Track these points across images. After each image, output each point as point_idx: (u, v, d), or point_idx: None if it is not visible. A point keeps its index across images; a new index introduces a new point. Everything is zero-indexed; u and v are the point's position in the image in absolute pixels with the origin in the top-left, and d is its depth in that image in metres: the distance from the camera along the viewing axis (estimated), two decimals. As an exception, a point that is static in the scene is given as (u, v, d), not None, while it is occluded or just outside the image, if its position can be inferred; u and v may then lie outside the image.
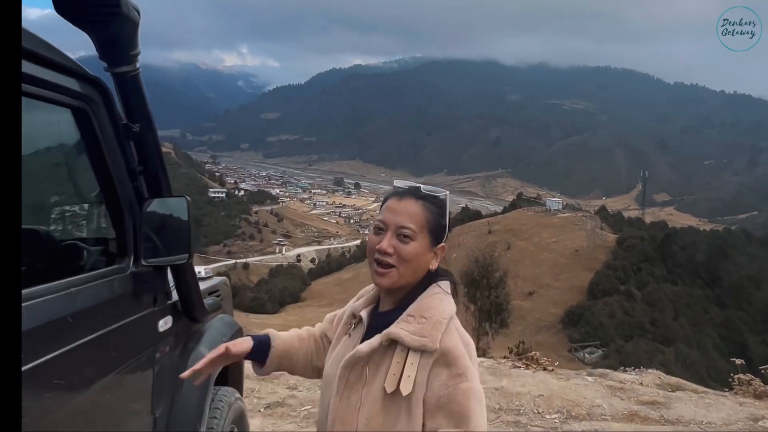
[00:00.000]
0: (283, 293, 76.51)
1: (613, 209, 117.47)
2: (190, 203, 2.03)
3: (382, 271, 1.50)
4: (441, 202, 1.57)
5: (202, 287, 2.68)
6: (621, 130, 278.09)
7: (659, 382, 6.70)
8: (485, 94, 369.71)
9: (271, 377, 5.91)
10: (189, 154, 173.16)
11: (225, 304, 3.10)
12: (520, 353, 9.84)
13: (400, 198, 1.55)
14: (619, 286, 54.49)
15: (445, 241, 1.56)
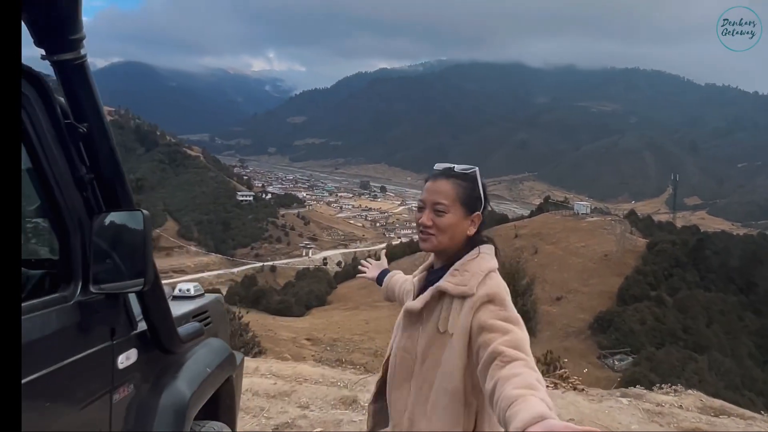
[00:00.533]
0: (309, 296, 76.85)
1: (643, 213, 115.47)
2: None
3: (424, 237, 1.87)
4: (471, 177, 1.94)
5: (188, 309, 2.55)
6: (650, 133, 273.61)
7: (701, 405, 6.23)
8: (512, 97, 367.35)
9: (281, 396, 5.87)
10: (218, 158, 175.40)
11: (217, 326, 2.87)
12: (548, 362, 9.73)
13: (435, 179, 1.94)
14: (649, 292, 53.45)
15: (482, 210, 1.89)
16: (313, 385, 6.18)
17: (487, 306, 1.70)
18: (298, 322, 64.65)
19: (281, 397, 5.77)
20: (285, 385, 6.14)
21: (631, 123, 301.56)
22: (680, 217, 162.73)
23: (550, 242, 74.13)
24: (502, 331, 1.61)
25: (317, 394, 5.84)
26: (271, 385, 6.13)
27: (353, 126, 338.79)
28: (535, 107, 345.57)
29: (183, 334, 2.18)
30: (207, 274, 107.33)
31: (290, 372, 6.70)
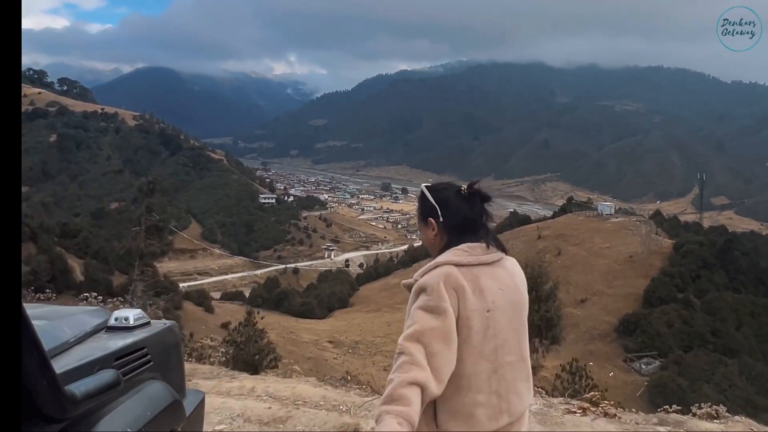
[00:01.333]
0: (331, 298, 77.22)
1: (669, 213, 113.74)
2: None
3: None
4: (420, 194, 2.17)
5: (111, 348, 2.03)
6: (675, 132, 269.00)
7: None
8: (533, 97, 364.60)
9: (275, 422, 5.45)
10: (240, 161, 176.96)
11: (162, 365, 2.32)
12: (573, 371, 9.70)
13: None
14: (676, 294, 52.56)
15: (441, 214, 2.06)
16: (311, 410, 5.76)
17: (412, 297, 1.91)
18: (320, 324, 64.97)
19: (275, 424, 5.33)
20: (281, 409, 5.71)
21: (655, 122, 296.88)
22: (707, 217, 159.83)
23: (574, 243, 73.38)
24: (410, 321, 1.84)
25: (315, 420, 5.42)
26: (266, 409, 5.71)
27: (374, 128, 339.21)
28: (556, 107, 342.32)
29: (81, 390, 1.60)
30: (231, 276, 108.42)
31: (289, 393, 6.30)
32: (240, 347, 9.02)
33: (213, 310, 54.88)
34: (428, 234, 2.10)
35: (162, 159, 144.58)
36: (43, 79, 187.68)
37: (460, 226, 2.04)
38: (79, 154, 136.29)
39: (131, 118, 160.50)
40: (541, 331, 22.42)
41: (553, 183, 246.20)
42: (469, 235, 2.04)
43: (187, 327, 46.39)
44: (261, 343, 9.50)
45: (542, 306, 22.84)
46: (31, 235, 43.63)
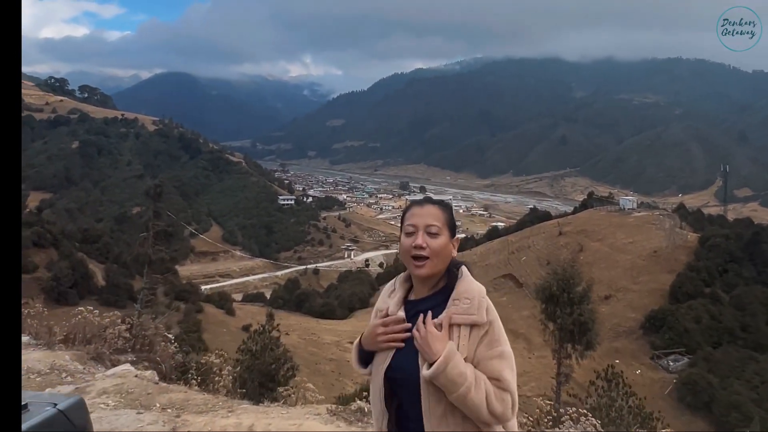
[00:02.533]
0: (351, 298, 77.07)
1: (692, 206, 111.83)
2: None
3: (420, 264, 1.99)
4: (449, 206, 2.11)
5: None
6: (696, 124, 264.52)
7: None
8: (550, 92, 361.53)
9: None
10: (259, 164, 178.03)
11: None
12: (609, 379, 9.20)
13: (422, 205, 2.07)
14: (703, 289, 51.44)
15: (457, 234, 2.06)
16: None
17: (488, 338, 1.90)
18: (342, 324, 64.86)
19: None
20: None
21: (675, 114, 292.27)
22: (731, 209, 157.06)
23: (596, 239, 72.36)
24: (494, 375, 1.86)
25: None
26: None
27: (391, 127, 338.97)
28: (574, 102, 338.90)
29: None
30: (252, 277, 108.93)
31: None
32: (256, 356, 8.77)
33: (234, 312, 55.04)
34: (449, 249, 2.03)
35: (182, 163, 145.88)
36: (65, 87, 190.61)
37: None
38: (101, 160, 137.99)
39: (151, 123, 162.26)
40: (574, 335, 21.45)
41: (572, 178, 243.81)
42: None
43: (209, 330, 46.60)
44: (277, 352, 9.23)
45: (575, 309, 21.83)
46: (53, 241, 44.11)
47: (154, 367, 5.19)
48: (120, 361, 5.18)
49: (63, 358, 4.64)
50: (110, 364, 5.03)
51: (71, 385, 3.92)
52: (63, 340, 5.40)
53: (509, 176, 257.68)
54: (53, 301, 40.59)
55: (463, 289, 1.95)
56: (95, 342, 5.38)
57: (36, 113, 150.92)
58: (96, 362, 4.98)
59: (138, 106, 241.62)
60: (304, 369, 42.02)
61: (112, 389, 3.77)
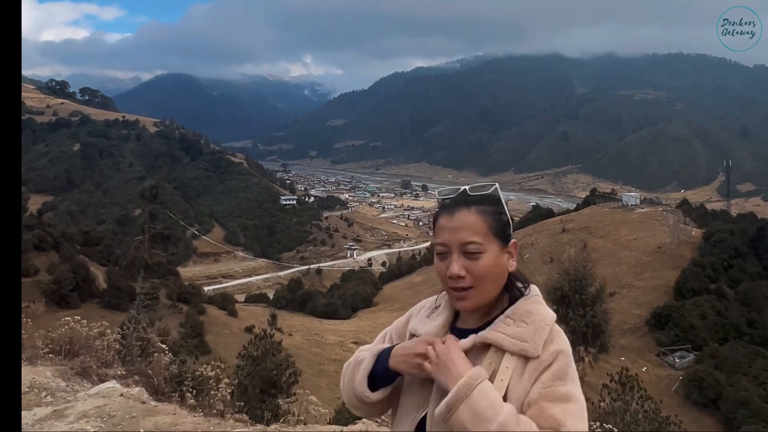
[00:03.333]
0: (354, 298, 76.88)
1: (695, 202, 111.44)
2: None
3: (461, 295, 1.43)
4: (494, 198, 1.49)
5: None
6: (698, 119, 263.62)
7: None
8: (550, 89, 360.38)
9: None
10: (261, 164, 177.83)
11: None
12: (624, 382, 8.87)
13: (452, 212, 1.46)
14: (709, 285, 51.05)
15: (512, 234, 1.51)
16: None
17: (548, 374, 1.34)
18: (345, 324, 64.64)
19: None
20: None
21: (676, 110, 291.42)
22: (734, 204, 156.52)
23: (599, 236, 72.04)
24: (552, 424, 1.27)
25: None
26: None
27: (392, 126, 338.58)
28: (575, 98, 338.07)
29: None
30: (255, 278, 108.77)
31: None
32: (257, 362, 8.49)
33: (237, 313, 54.80)
34: (503, 264, 1.47)
35: (183, 164, 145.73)
36: (66, 90, 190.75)
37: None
38: (102, 162, 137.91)
39: (152, 124, 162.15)
40: (587, 338, 20.76)
41: (574, 175, 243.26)
42: None
43: (211, 332, 46.36)
44: (279, 357, 8.94)
45: (588, 310, 21.12)
46: (54, 244, 43.87)
47: (145, 382, 4.90)
48: (108, 375, 4.88)
49: (44, 374, 4.33)
50: (97, 380, 4.74)
51: (49, 407, 3.62)
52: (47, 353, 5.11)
53: (511, 174, 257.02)
54: (54, 305, 40.41)
55: (524, 310, 1.43)
56: (83, 354, 5.09)
57: (37, 116, 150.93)
58: (82, 377, 4.68)
59: (139, 108, 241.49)
60: (308, 370, 41.79)
61: (93, 412, 3.45)
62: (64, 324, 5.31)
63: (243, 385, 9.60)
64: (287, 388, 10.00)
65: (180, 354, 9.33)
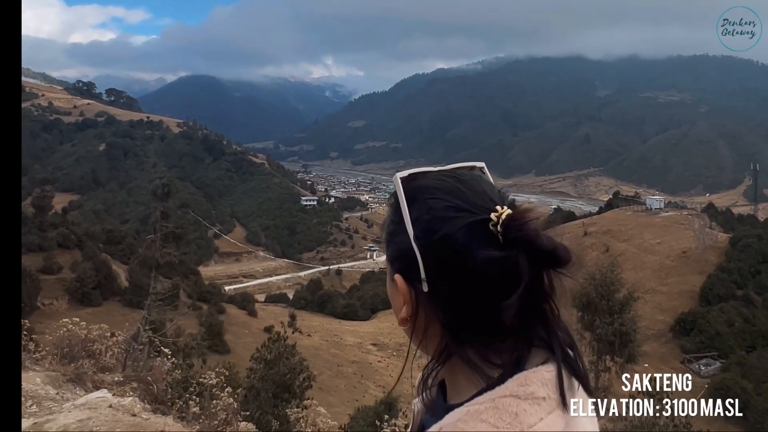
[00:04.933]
0: (374, 299, 76.55)
1: (721, 206, 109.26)
2: None
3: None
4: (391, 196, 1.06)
5: None
6: (723, 121, 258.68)
7: None
8: (572, 91, 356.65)
9: None
10: (282, 165, 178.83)
11: None
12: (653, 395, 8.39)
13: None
14: (735, 291, 49.86)
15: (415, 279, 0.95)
16: None
17: None
18: (364, 326, 64.48)
19: None
20: None
21: (701, 112, 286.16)
22: (761, 208, 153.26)
23: (622, 239, 70.94)
24: None
25: None
26: None
27: (413, 127, 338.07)
28: (597, 100, 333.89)
29: None
30: (275, 278, 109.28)
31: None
32: (270, 366, 8.26)
33: (256, 313, 54.96)
34: (395, 301, 1.02)
35: (206, 165, 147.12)
36: (92, 91, 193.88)
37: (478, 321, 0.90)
38: (127, 162, 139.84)
39: (175, 125, 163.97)
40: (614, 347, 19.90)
41: (596, 178, 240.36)
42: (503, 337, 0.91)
43: (231, 331, 46.50)
44: (293, 361, 8.69)
45: (615, 318, 20.29)
46: (77, 243, 44.36)
47: (144, 389, 4.68)
48: (103, 382, 4.67)
49: (34, 381, 4.12)
50: (92, 386, 4.53)
51: (31, 419, 3.38)
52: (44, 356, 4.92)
53: (532, 176, 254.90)
54: (77, 302, 40.86)
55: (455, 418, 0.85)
56: (81, 359, 4.89)
57: (64, 116, 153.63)
58: (74, 384, 4.47)
59: (163, 109, 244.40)
60: (326, 371, 41.64)
61: (75, 427, 3.20)
62: (63, 326, 5.12)
63: (255, 389, 9.38)
64: (301, 393, 9.75)
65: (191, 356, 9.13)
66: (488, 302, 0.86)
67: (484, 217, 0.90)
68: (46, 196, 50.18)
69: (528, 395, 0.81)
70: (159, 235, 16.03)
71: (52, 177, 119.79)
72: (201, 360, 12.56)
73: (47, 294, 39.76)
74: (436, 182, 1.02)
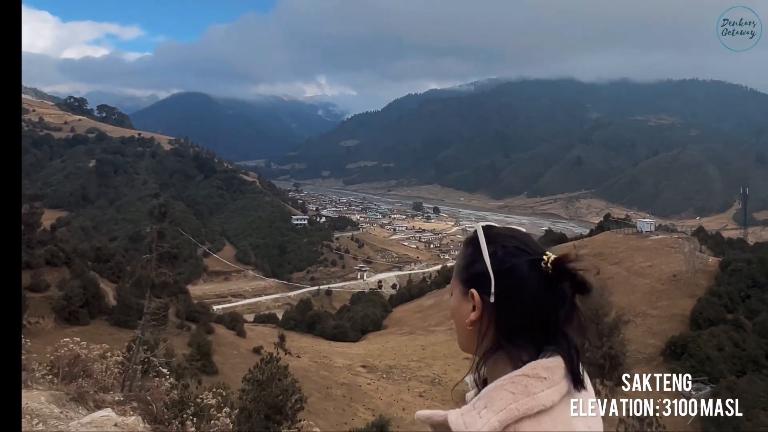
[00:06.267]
0: (364, 320, 76.27)
1: (711, 229, 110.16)
2: None
3: None
4: (470, 239, 1.43)
5: None
6: (713, 145, 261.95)
7: None
8: (564, 113, 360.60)
9: None
10: (273, 183, 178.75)
11: None
12: (642, 418, 8.45)
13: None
14: (726, 315, 50.07)
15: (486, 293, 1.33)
16: None
17: None
18: (354, 347, 63.98)
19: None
20: None
21: (691, 136, 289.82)
22: (751, 232, 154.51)
23: (613, 262, 71.14)
24: None
25: None
26: None
27: (405, 147, 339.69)
28: (589, 123, 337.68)
29: None
30: (264, 298, 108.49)
31: None
32: (262, 387, 8.20)
33: (245, 333, 54.45)
34: (462, 311, 1.37)
35: (197, 182, 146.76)
36: (84, 107, 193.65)
37: (525, 325, 1.30)
38: (117, 179, 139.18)
39: (167, 142, 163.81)
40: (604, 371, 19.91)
41: (587, 200, 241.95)
42: (536, 343, 1.31)
43: (219, 352, 46.00)
44: (285, 382, 8.63)
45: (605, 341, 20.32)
46: (65, 260, 43.95)
47: (143, 408, 4.64)
48: (105, 401, 4.63)
49: (38, 399, 4.09)
50: (93, 406, 4.49)
51: (38, 437, 3.38)
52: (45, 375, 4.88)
53: (523, 197, 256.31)
54: (63, 321, 40.34)
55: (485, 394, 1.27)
56: (81, 378, 4.86)
57: (55, 132, 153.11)
58: (77, 403, 4.44)
59: (155, 126, 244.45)
60: (316, 393, 41.19)
61: (83, 446, 3.21)
62: (64, 345, 5.08)
63: (247, 411, 9.29)
64: (293, 415, 9.66)
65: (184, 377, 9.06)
66: (535, 314, 1.28)
67: (539, 258, 1.31)
68: (34, 212, 49.73)
69: (535, 375, 1.23)
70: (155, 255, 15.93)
71: (41, 193, 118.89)
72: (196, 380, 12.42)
73: (33, 312, 39.21)
74: (508, 231, 1.39)
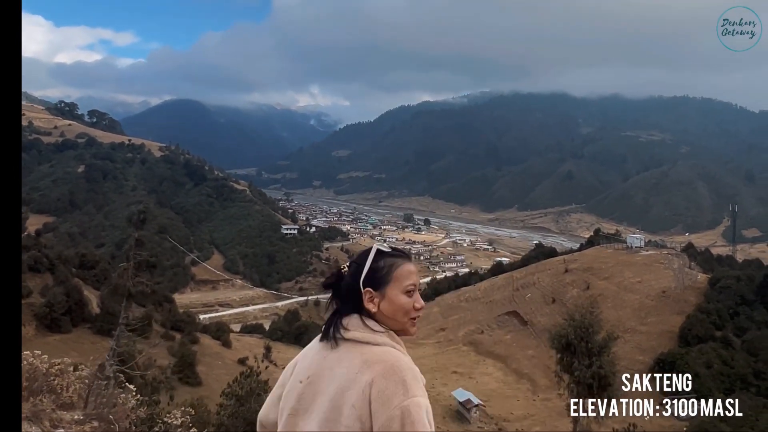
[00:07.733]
0: (353, 332, 75.46)
1: (700, 246, 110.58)
2: None
3: (415, 324, 1.97)
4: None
5: None
6: (703, 162, 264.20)
7: None
8: (556, 127, 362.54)
9: None
10: (263, 192, 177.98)
11: None
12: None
13: (411, 261, 2.04)
14: (714, 332, 50.00)
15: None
16: None
17: None
18: (342, 359, 63.22)
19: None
20: None
21: (681, 152, 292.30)
22: (739, 250, 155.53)
23: (603, 277, 71.05)
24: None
25: None
26: None
27: (397, 159, 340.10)
28: (580, 137, 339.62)
29: None
30: (252, 308, 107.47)
31: None
32: (241, 402, 7.83)
33: (230, 344, 53.65)
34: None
35: (186, 189, 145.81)
36: (74, 112, 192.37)
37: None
38: (106, 185, 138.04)
39: (157, 149, 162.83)
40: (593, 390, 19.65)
41: (577, 214, 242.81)
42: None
43: (203, 362, 45.24)
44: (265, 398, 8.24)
45: (594, 360, 20.11)
46: (49, 266, 43.20)
47: (105, 428, 4.29)
48: (62, 421, 4.27)
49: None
50: (49, 425, 4.13)
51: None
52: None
53: (514, 211, 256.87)
54: (45, 328, 39.51)
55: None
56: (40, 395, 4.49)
57: (44, 136, 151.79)
58: (30, 423, 4.07)
59: (146, 132, 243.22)
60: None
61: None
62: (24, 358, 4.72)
63: (225, 427, 8.90)
64: (273, 432, 9.26)
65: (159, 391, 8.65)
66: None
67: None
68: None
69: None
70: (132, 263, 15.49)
71: (28, 198, 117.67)
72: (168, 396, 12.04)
73: (16, 317, 38.38)
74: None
